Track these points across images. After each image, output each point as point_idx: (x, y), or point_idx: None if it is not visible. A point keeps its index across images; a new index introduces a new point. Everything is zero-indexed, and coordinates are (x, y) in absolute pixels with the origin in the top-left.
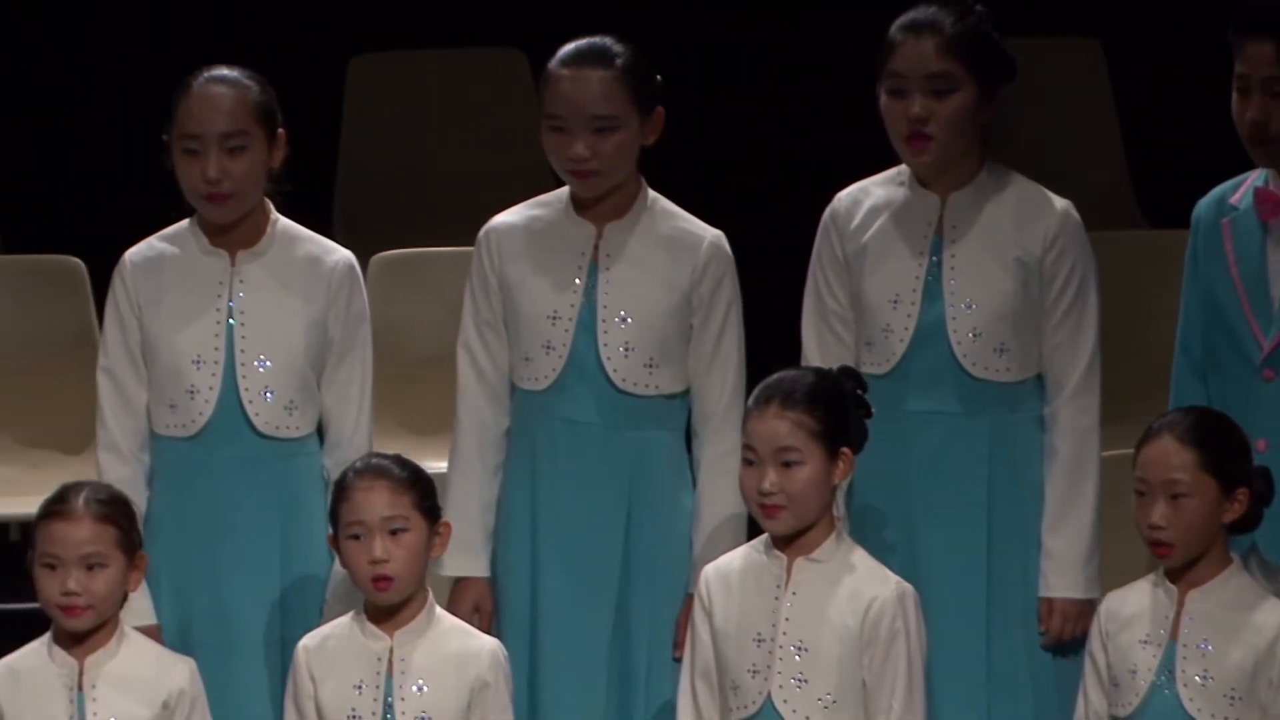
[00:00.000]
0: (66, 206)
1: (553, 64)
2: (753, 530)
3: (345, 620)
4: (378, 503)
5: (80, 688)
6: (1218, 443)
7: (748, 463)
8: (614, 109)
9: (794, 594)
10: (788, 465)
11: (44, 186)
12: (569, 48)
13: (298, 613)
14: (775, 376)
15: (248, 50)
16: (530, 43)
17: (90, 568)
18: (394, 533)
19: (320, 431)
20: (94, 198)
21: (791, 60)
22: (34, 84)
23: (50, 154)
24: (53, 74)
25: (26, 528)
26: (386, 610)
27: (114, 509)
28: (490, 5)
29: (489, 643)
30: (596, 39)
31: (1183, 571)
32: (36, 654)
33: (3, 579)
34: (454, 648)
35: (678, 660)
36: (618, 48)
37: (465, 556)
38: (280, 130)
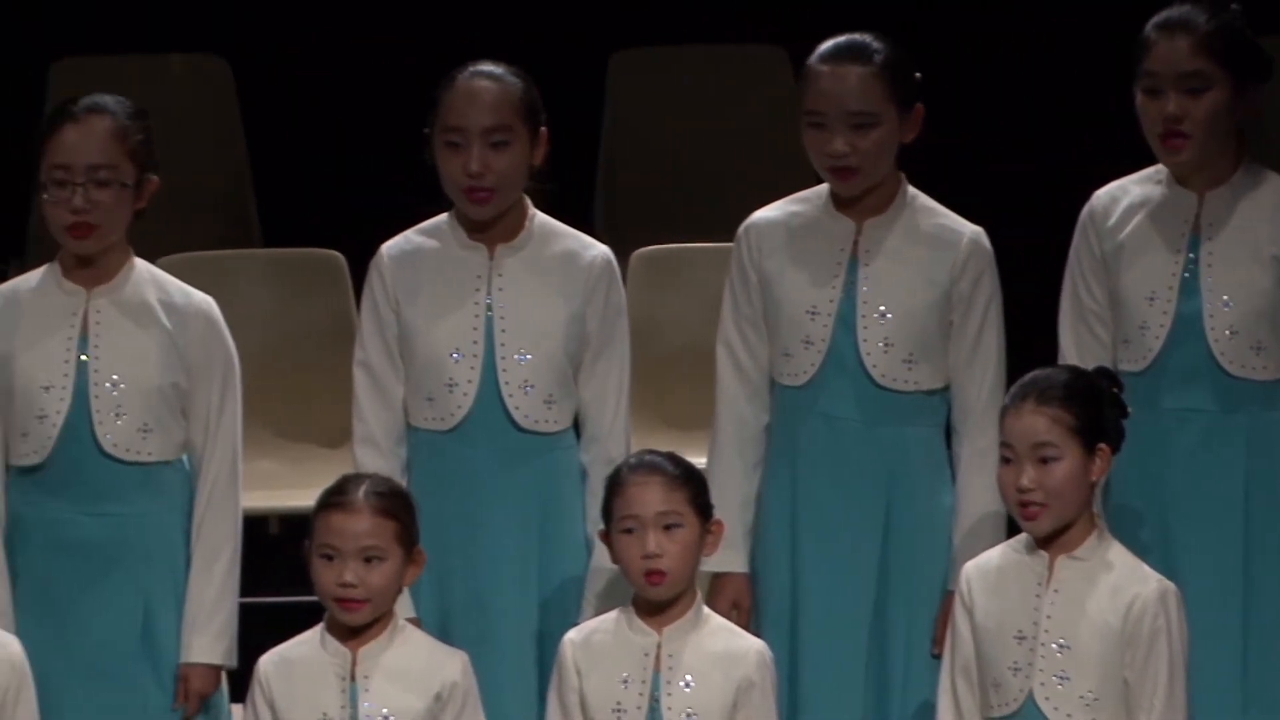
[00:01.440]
0: (326, 200)
1: (813, 60)
2: (1011, 527)
3: (613, 615)
4: (652, 498)
5: (353, 678)
6: None
7: (1005, 461)
8: (873, 105)
9: (1056, 591)
10: (1045, 461)
11: (304, 180)
12: (829, 44)
13: (556, 607)
14: (1031, 375)
15: (510, 47)
16: (791, 39)
17: (368, 560)
18: (667, 528)
19: (577, 426)
20: (354, 191)
21: (1052, 57)
22: (293, 81)
23: (310, 148)
24: (310, 71)
25: (286, 521)
26: (655, 606)
27: (394, 502)
28: (753, 2)
29: (756, 643)
30: (856, 36)
31: None
32: (309, 644)
33: (264, 572)
34: (721, 646)
35: (936, 658)
36: (877, 44)
37: (725, 552)
38: (543, 128)
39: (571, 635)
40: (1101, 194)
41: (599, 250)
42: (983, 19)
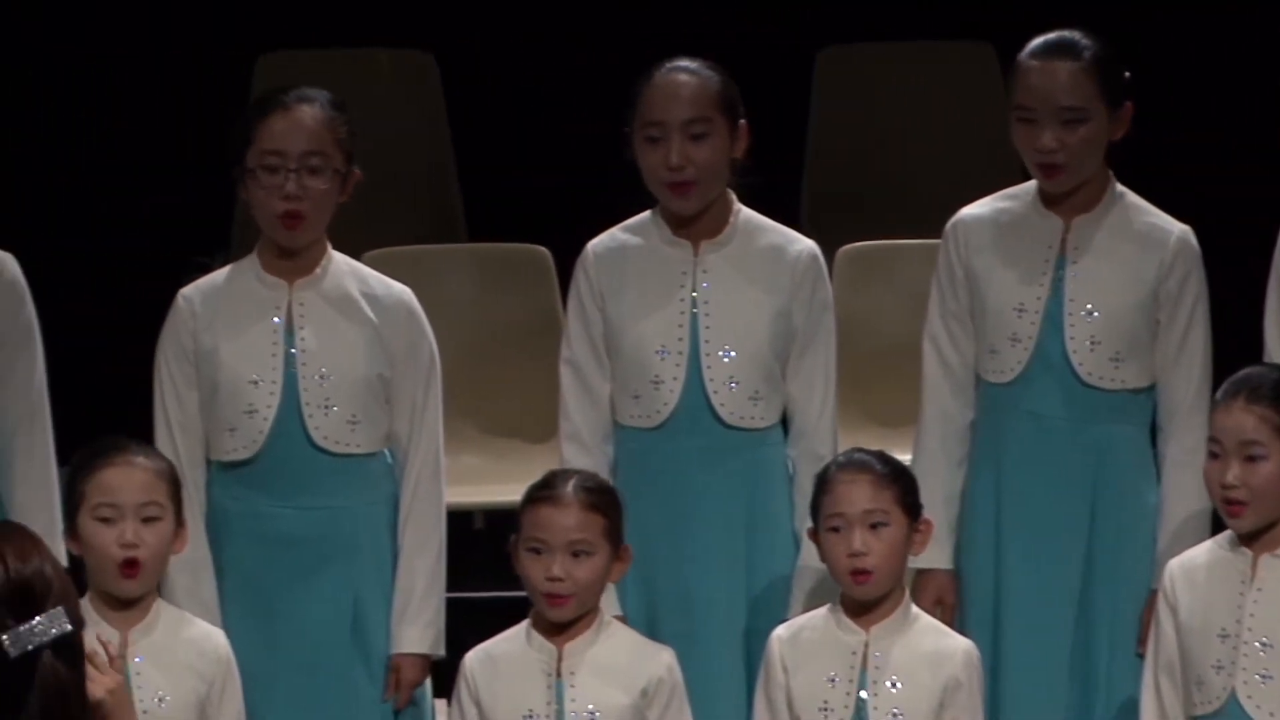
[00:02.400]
0: (531, 195)
1: (1023, 56)
2: (1216, 526)
3: (821, 612)
4: (859, 496)
5: (559, 674)
6: None
7: (1212, 455)
8: (1082, 101)
9: (1259, 590)
10: (1251, 459)
11: (510, 176)
12: (1039, 40)
13: (762, 604)
14: (1243, 372)
15: (718, 43)
16: (999, 35)
17: (576, 555)
18: (874, 527)
19: (784, 422)
20: (559, 186)
21: (1262, 54)
22: (499, 76)
23: (515, 143)
24: (516, 66)
25: (491, 516)
26: (863, 604)
27: (602, 498)
28: None
29: (963, 643)
30: (1066, 32)
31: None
32: (515, 640)
33: (468, 568)
34: (929, 645)
35: (1139, 656)
36: (1087, 40)
37: (930, 549)
38: (742, 121)
39: (779, 632)
40: None
41: (805, 244)
42: (1190, 17)
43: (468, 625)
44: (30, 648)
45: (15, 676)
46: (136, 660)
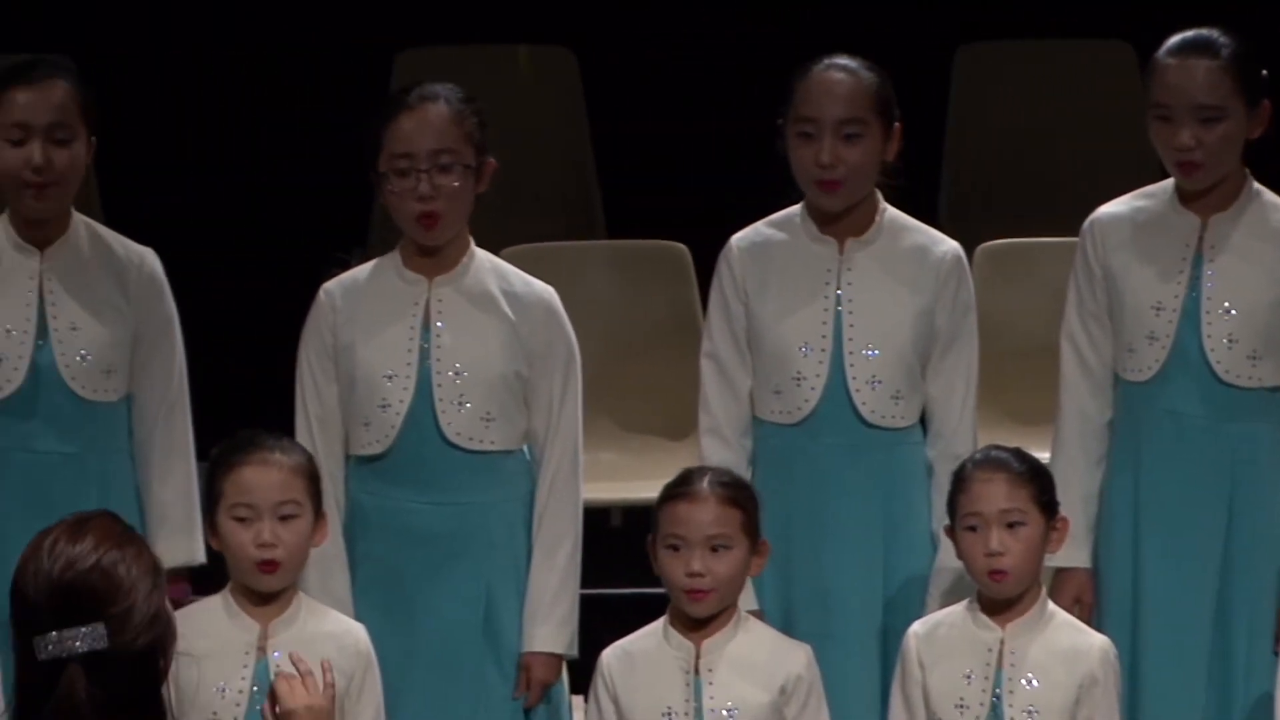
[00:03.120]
0: (670, 192)
1: (1160, 54)
2: None
3: (958, 609)
4: (996, 495)
5: (697, 671)
6: None
7: None
8: (1220, 99)
9: None
10: None
11: (648, 172)
12: (1177, 38)
13: (900, 602)
14: None
15: (856, 40)
16: (1137, 34)
17: (714, 550)
18: (1010, 526)
19: (924, 421)
20: (698, 182)
21: None
22: (639, 72)
23: (655, 139)
24: (655, 62)
25: (628, 513)
26: (1000, 601)
27: (739, 493)
28: None
29: (1100, 640)
30: (1204, 30)
31: None
32: (653, 637)
33: (605, 564)
34: (1065, 643)
35: (1277, 654)
36: (1225, 38)
37: (1068, 547)
38: (896, 123)
39: (916, 628)
40: None
41: (950, 246)
42: None
43: (604, 623)
44: (56, 655)
45: (39, 680)
46: (275, 655)
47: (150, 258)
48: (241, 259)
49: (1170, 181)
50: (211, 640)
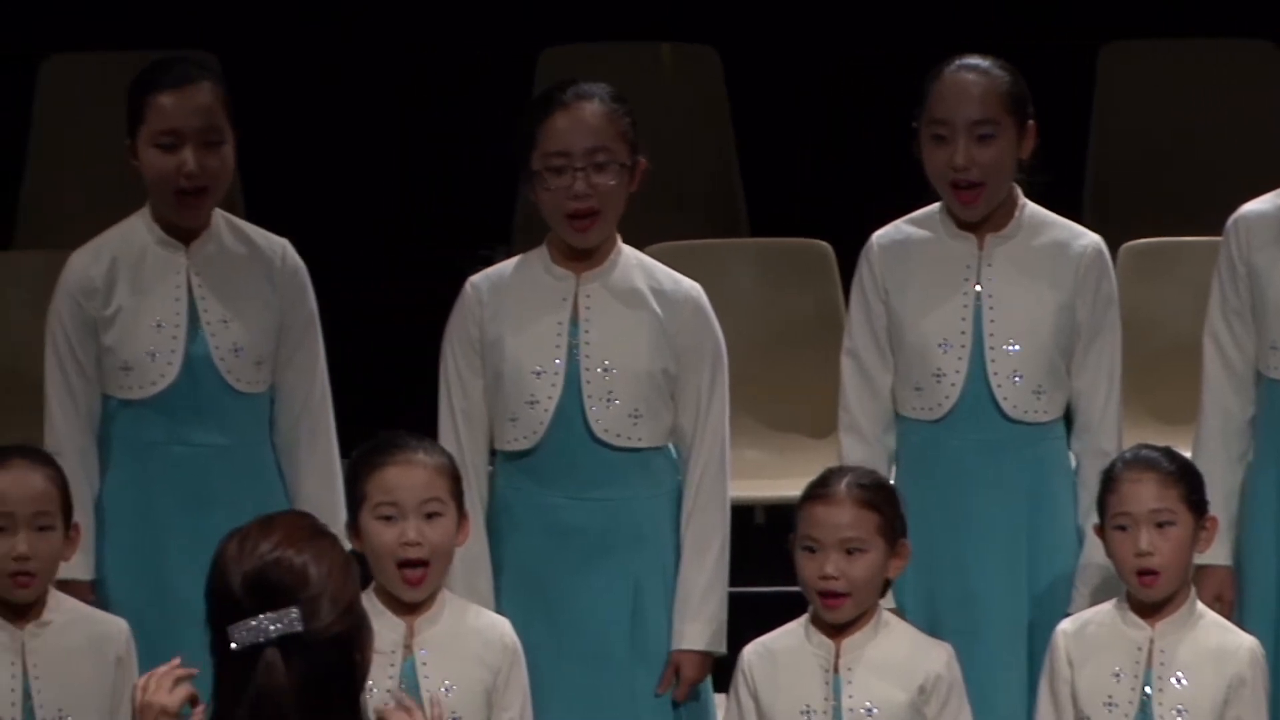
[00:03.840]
0: (813, 190)
1: None
2: None
3: (1107, 607)
4: (1146, 495)
5: (837, 670)
6: None
7: None
8: None
9: None
10: None
11: (791, 170)
12: None
13: (1045, 599)
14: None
15: (1000, 39)
16: None
17: (849, 553)
18: (1160, 526)
19: (1067, 417)
20: (841, 181)
21: None
22: (782, 70)
23: (796, 138)
24: (798, 61)
25: (772, 511)
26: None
27: (877, 494)
28: None
29: (1248, 640)
30: None
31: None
32: (794, 635)
33: (748, 562)
34: (1214, 642)
35: None
36: None
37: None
38: (1031, 121)
39: (1065, 626)
40: None
41: (1090, 239)
42: None
43: (748, 621)
44: (250, 643)
45: (237, 672)
46: (421, 653)
47: (290, 250)
48: (385, 257)
49: None
50: None
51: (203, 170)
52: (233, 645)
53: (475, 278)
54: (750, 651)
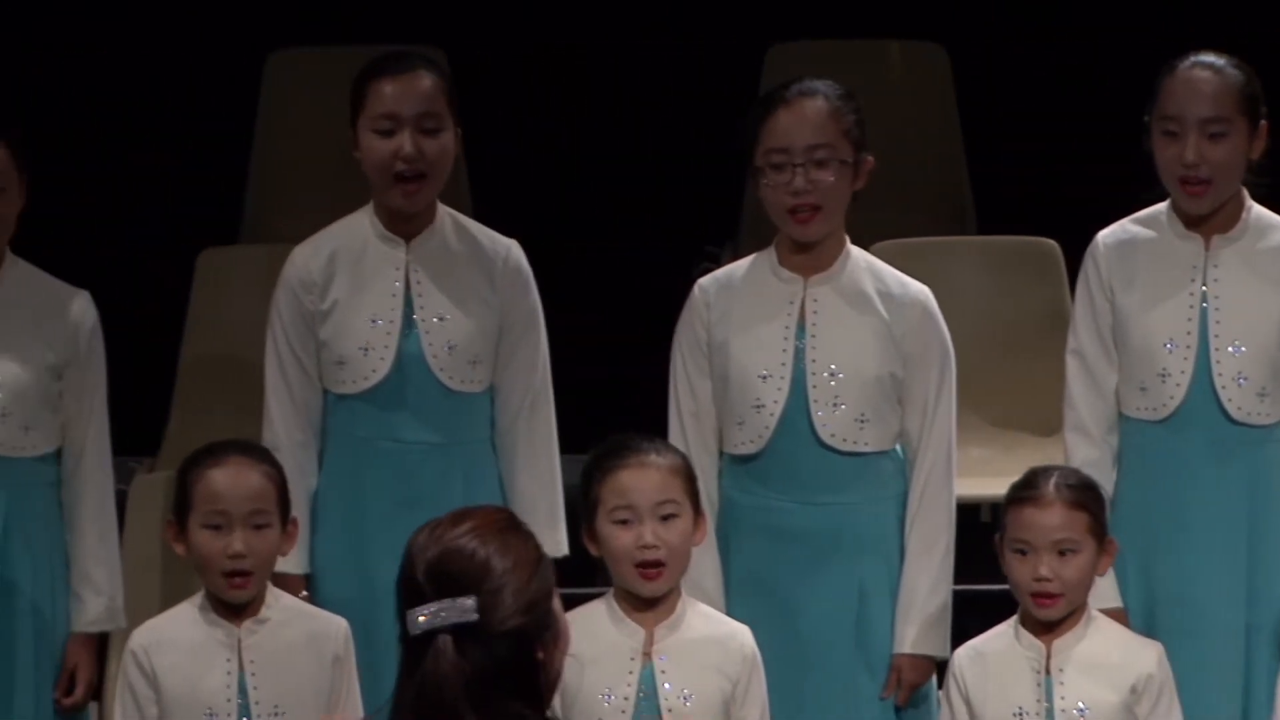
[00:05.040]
0: (1041, 188)
1: None
2: None
3: None
4: None
5: (1048, 671)
6: None
7: None
8: None
9: None
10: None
11: (1019, 168)
12: None
13: (1264, 598)
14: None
15: (1229, 36)
16: None
17: (1061, 554)
18: None
19: None
20: (1069, 179)
21: None
22: (1009, 68)
23: (1026, 136)
24: (1025, 59)
25: (998, 509)
26: None
27: (1084, 494)
28: None
29: None
30: None
31: None
32: (1004, 636)
33: (974, 559)
34: None
35: None
36: None
37: None
38: (1263, 121)
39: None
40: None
41: None
42: None
43: (974, 619)
44: (425, 629)
45: (412, 658)
46: (660, 659)
47: (515, 250)
48: (612, 254)
49: None
50: (596, 645)
51: (420, 155)
52: (411, 632)
53: (704, 279)
54: (961, 654)
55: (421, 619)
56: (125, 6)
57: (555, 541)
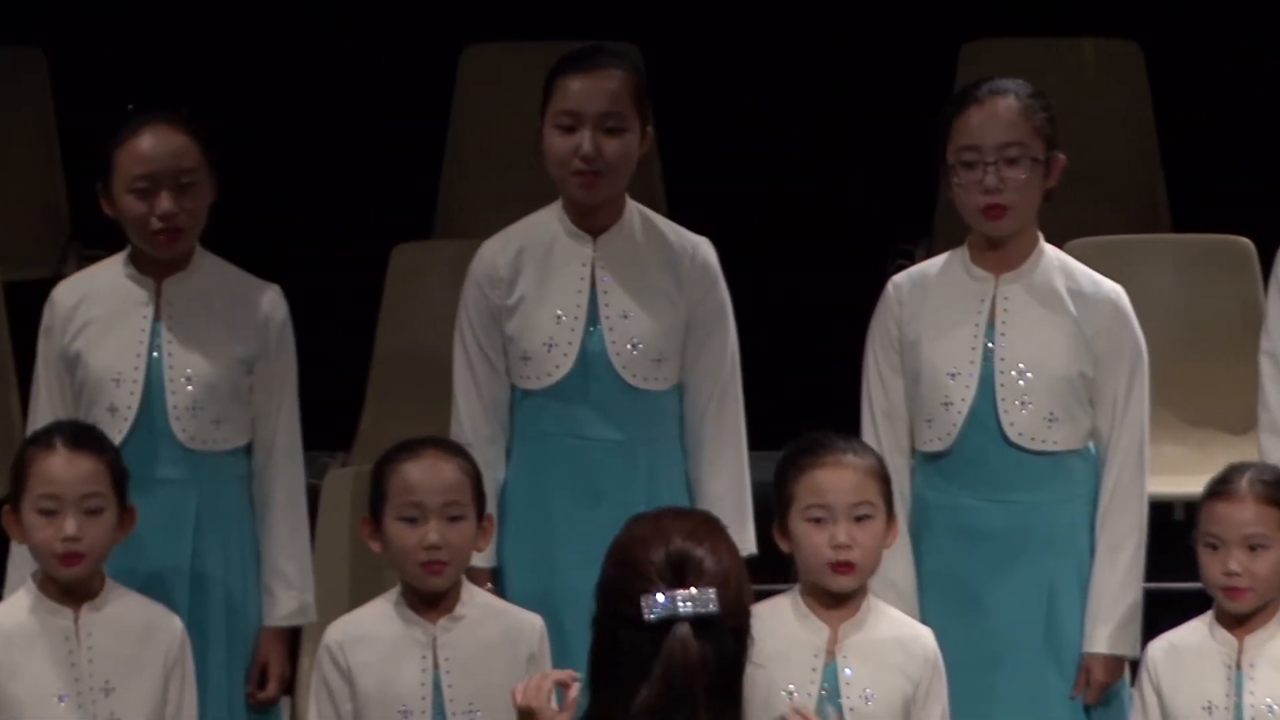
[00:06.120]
0: (1236, 186)
1: None
2: None
3: None
4: None
5: (1239, 666)
6: None
7: None
8: None
9: None
10: None
11: (1215, 165)
12: None
13: None
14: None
15: None
16: None
17: (1252, 549)
18: None
19: None
20: (1265, 177)
21: None
22: (1201, 64)
23: (1219, 134)
24: (1218, 54)
25: (1191, 507)
26: None
27: (1278, 490)
28: None
29: None
30: None
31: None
32: (1198, 631)
33: (1167, 558)
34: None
35: None
36: None
37: None
38: None
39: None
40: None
41: None
42: None
43: (1166, 617)
44: (666, 615)
45: (647, 642)
46: (843, 658)
47: (704, 246)
48: (807, 252)
49: None
50: (780, 642)
51: (599, 154)
52: (645, 615)
53: (897, 277)
54: (1155, 647)
55: (659, 607)
56: (320, 2)
57: (744, 539)
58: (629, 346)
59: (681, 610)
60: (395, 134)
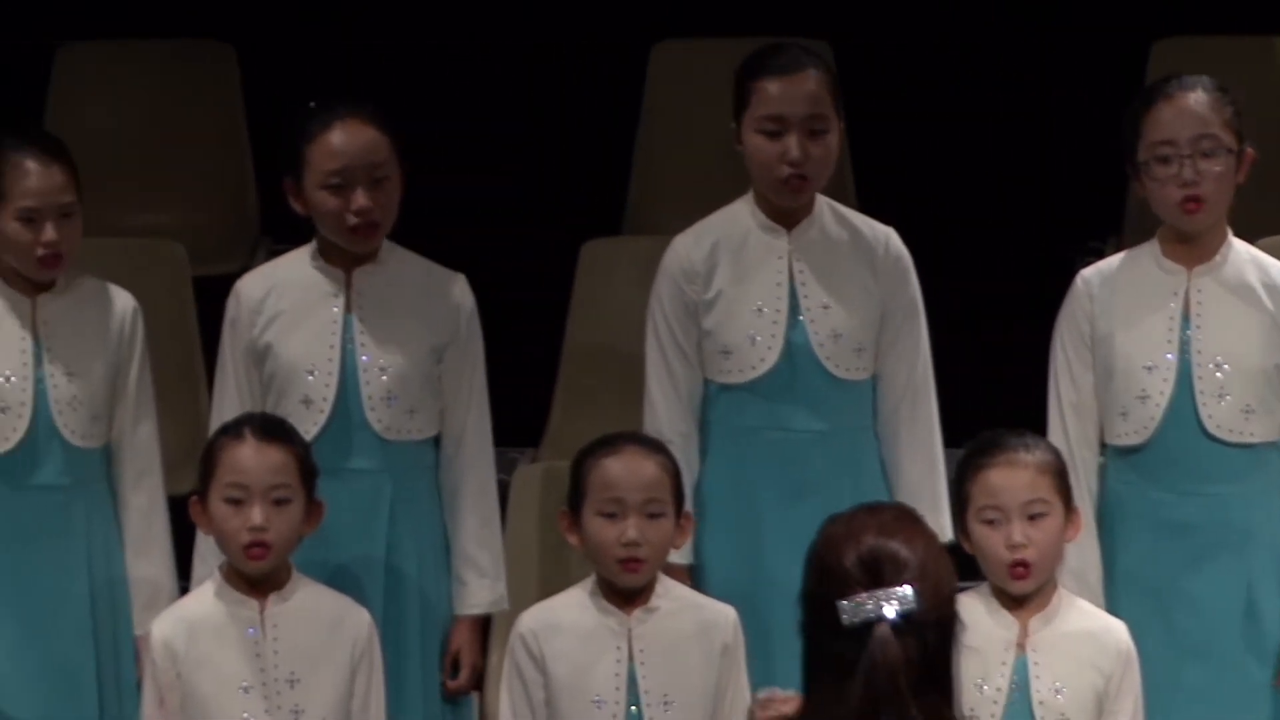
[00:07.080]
0: None
1: None
2: None
3: None
4: None
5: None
6: None
7: None
8: None
9: None
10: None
11: None
12: None
13: None
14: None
15: None
16: None
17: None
18: None
19: None
20: None
21: None
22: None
23: None
24: None
25: None
26: None
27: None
28: None
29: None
30: None
31: None
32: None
33: None
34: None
35: None
36: None
37: None
38: None
39: None
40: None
41: None
42: None
43: None
44: (865, 618)
45: (851, 646)
46: (1033, 652)
47: (895, 237)
48: (996, 247)
49: None
50: (972, 636)
51: (806, 158)
52: (844, 619)
53: (1086, 271)
54: None
55: (858, 609)
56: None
57: (940, 527)
58: (831, 337)
59: (879, 611)
60: (586, 130)
